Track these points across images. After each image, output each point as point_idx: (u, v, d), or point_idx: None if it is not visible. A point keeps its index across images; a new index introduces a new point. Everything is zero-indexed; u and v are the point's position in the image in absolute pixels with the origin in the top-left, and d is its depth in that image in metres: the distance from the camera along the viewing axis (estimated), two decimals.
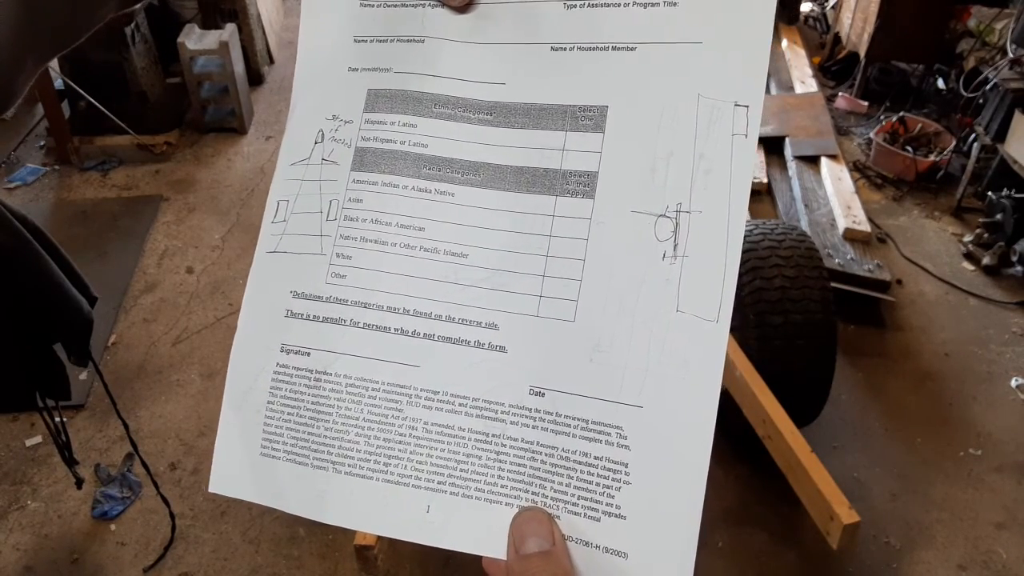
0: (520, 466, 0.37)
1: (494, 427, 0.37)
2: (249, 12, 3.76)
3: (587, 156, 0.39)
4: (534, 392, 0.37)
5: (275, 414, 0.41)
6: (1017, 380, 2.31)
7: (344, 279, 0.41)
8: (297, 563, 1.84)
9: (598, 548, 0.35)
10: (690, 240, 0.36)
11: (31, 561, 1.86)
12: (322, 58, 0.44)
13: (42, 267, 1.14)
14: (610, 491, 0.36)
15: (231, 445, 0.41)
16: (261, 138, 3.54)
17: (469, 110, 0.41)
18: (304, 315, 0.41)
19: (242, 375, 0.42)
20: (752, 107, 0.37)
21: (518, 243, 0.39)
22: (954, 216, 3.00)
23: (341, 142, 0.42)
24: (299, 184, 0.43)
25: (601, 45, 0.39)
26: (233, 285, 2.68)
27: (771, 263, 1.87)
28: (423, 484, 0.38)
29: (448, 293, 0.39)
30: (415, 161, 0.41)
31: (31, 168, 3.31)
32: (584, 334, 0.37)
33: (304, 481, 0.40)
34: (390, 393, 0.39)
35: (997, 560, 1.85)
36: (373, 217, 0.41)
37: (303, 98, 0.44)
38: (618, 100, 0.39)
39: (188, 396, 2.28)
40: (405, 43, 0.42)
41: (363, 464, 0.39)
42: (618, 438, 0.36)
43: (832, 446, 2.09)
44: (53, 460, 2.05)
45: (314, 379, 0.40)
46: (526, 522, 0.36)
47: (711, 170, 0.37)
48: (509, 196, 0.40)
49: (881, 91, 3.66)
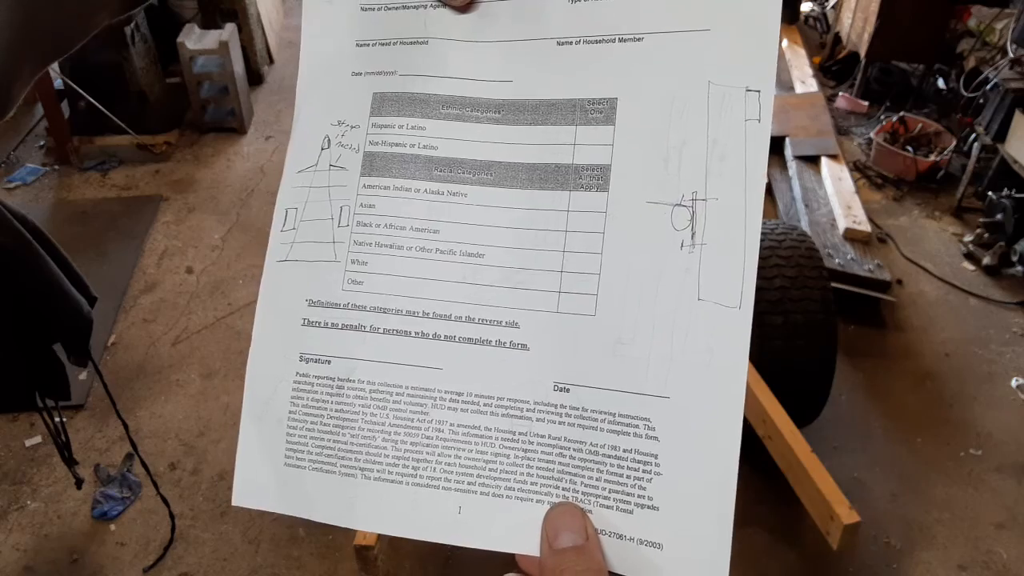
0: (549, 463, 0.37)
1: (520, 425, 0.37)
2: (249, 12, 3.76)
3: (599, 149, 0.39)
4: (559, 388, 0.37)
5: (298, 423, 0.40)
6: (1017, 380, 2.31)
7: (361, 285, 0.40)
8: (297, 563, 1.84)
9: (632, 540, 0.35)
10: (707, 228, 0.36)
11: (31, 561, 1.86)
12: (325, 64, 0.44)
13: (42, 267, 1.14)
14: (641, 483, 0.36)
15: (253, 457, 0.41)
16: (261, 138, 3.54)
17: (477, 109, 0.41)
18: (322, 323, 0.41)
19: (261, 386, 0.41)
20: (764, 92, 0.37)
21: (534, 240, 0.39)
22: (954, 216, 3.00)
23: (348, 147, 0.42)
24: (307, 191, 0.42)
25: (608, 37, 0.39)
26: (233, 285, 2.67)
27: (771, 263, 1.87)
28: (453, 486, 0.38)
29: (467, 294, 0.39)
30: (426, 163, 0.41)
31: (31, 168, 3.32)
32: (606, 327, 0.37)
33: (332, 489, 0.39)
34: (414, 397, 0.39)
35: (997, 560, 1.85)
36: (387, 221, 0.41)
37: (307, 105, 0.44)
38: (627, 92, 0.39)
39: (188, 396, 2.28)
40: (408, 45, 0.42)
41: (392, 469, 0.39)
42: (646, 430, 0.36)
43: (832, 446, 2.09)
44: (53, 460, 2.05)
45: (336, 386, 0.40)
46: (559, 516, 0.36)
47: (725, 157, 0.37)
48: (522, 194, 0.39)
49: (881, 91, 3.66)
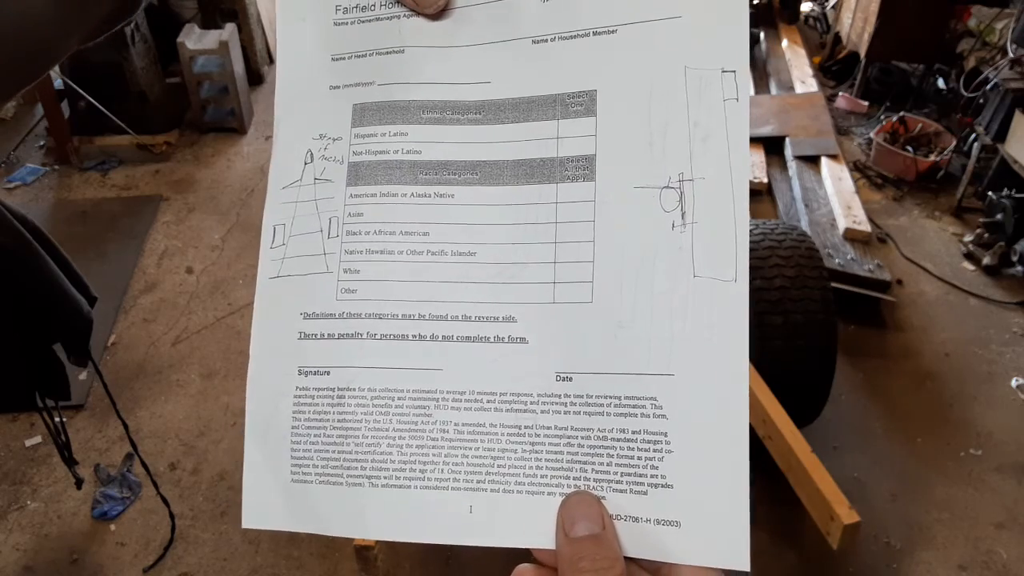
0: (557, 453, 0.37)
1: (525, 419, 0.37)
2: (249, 12, 3.76)
3: (582, 140, 0.39)
4: (561, 378, 0.37)
5: (301, 438, 0.40)
6: (1017, 380, 2.31)
7: (355, 293, 0.40)
8: (297, 563, 1.84)
9: (649, 522, 0.35)
10: (697, 206, 0.37)
11: (31, 561, 1.86)
12: (301, 79, 0.44)
13: (42, 267, 1.14)
14: (653, 462, 0.36)
15: (260, 477, 0.40)
16: (261, 138, 3.54)
17: (458, 112, 0.41)
18: (318, 335, 0.41)
19: (262, 404, 0.41)
20: (739, 71, 0.37)
21: (524, 234, 0.39)
22: (954, 216, 3.00)
23: (332, 160, 0.42)
24: (294, 206, 0.42)
25: (582, 32, 0.40)
26: (233, 285, 2.67)
27: (771, 263, 1.87)
28: (462, 485, 0.38)
29: (461, 293, 0.39)
30: (411, 168, 0.41)
31: (31, 168, 3.32)
32: (604, 313, 0.37)
33: (341, 501, 0.39)
34: (416, 399, 0.39)
35: (997, 560, 1.85)
36: (376, 228, 0.41)
37: (286, 121, 0.43)
38: (605, 83, 0.39)
39: (188, 396, 2.28)
40: (385, 55, 0.42)
41: (399, 474, 0.38)
42: (653, 409, 0.36)
43: (832, 446, 2.09)
44: (53, 460, 2.05)
45: (337, 397, 0.40)
46: (575, 505, 0.36)
47: (708, 137, 0.37)
48: (509, 190, 0.40)
49: (881, 91, 3.66)
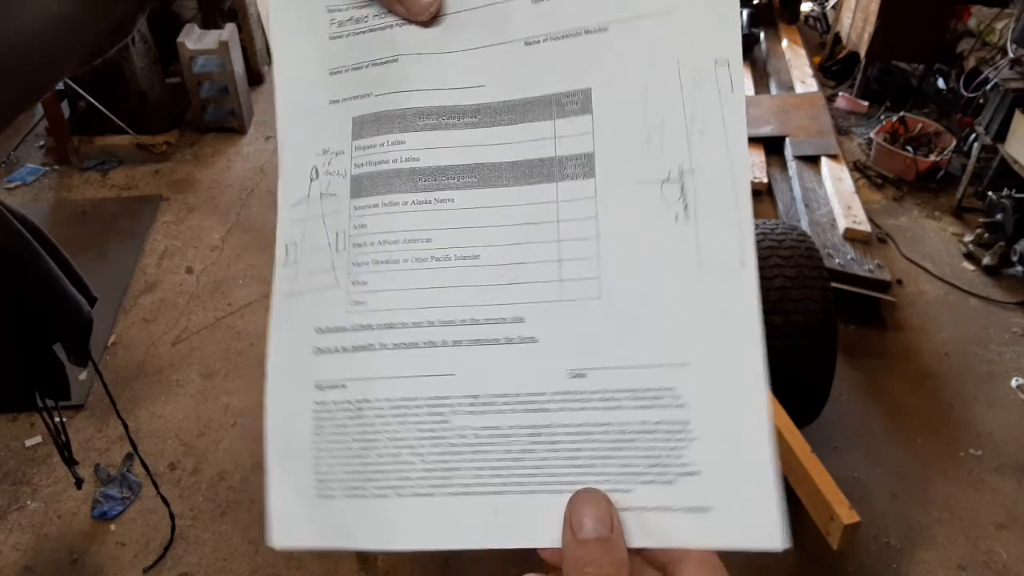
0: (577, 450, 0.37)
1: (541, 418, 0.37)
2: (249, 12, 3.76)
3: (580, 139, 0.39)
4: (575, 375, 0.37)
5: (323, 453, 0.40)
6: (1017, 380, 2.31)
7: (364, 305, 0.40)
8: (297, 563, 1.84)
9: (680, 510, 0.35)
10: (699, 198, 0.37)
11: (31, 561, 1.86)
12: (301, 96, 0.44)
13: (42, 267, 1.14)
14: (677, 451, 0.35)
15: (285, 495, 0.40)
16: (261, 138, 3.54)
17: (454, 116, 0.41)
18: (332, 349, 0.40)
19: (281, 423, 0.41)
20: (732, 62, 0.37)
21: (527, 234, 0.39)
22: (954, 216, 3.00)
23: (336, 174, 0.42)
24: (303, 224, 0.42)
25: (573, 32, 0.40)
26: (233, 285, 2.67)
27: (771, 263, 1.87)
28: (486, 489, 0.37)
29: (467, 297, 0.39)
30: (409, 176, 0.41)
31: (31, 168, 3.31)
32: (613, 307, 0.37)
33: (368, 513, 0.39)
34: (432, 407, 0.38)
35: (997, 560, 1.85)
36: (380, 239, 0.41)
37: (290, 139, 0.44)
38: (600, 80, 0.39)
39: (188, 396, 2.28)
40: (380, 66, 0.42)
41: (423, 482, 0.38)
42: (671, 399, 0.36)
43: (832, 446, 2.09)
44: (53, 460, 2.05)
45: (356, 409, 0.40)
46: (583, 503, 0.35)
47: (705, 129, 0.37)
48: (509, 191, 0.40)
49: (881, 91, 3.66)
